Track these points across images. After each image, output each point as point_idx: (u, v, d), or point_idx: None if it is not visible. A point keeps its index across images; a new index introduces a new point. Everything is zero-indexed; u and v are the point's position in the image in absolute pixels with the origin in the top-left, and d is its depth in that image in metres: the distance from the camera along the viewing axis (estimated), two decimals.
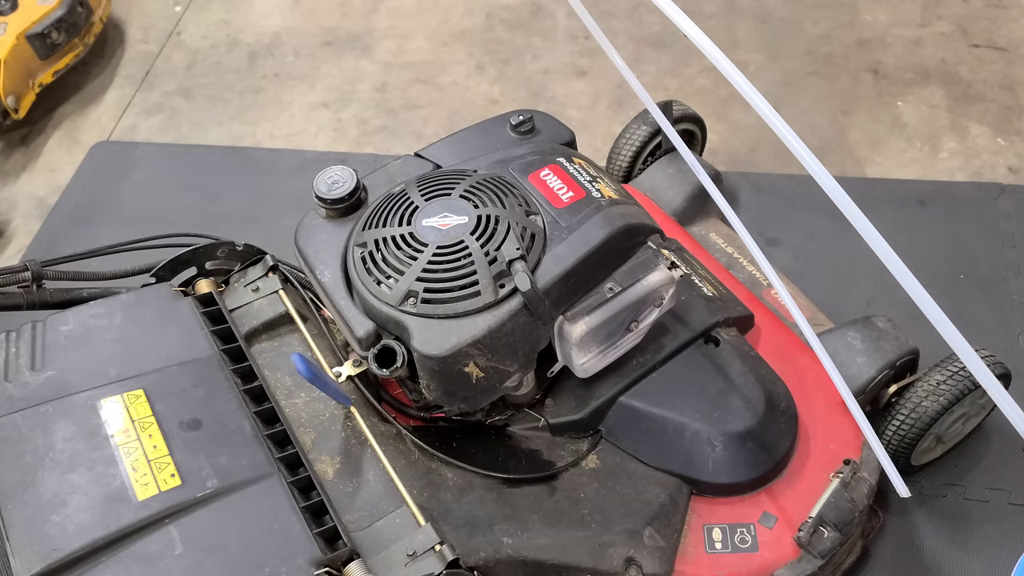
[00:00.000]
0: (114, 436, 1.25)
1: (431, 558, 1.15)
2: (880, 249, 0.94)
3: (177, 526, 1.17)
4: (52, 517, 1.16)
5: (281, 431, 1.31)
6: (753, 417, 1.40)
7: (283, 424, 1.31)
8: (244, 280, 1.52)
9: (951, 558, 1.64)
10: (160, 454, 1.24)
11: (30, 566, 1.11)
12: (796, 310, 1.41)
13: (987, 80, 2.51)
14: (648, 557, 1.32)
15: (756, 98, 0.99)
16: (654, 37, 2.76)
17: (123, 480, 1.20)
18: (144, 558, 1.14)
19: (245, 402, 1.33)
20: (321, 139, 2.61)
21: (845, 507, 1.39)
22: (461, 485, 1.34)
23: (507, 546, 1.27)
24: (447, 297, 1.20)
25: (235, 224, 2.29)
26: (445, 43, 2.85)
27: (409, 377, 1.26)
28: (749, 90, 0.98)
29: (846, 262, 2.11)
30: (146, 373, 1.34)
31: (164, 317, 1.43)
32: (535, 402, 1.45)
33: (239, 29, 3.00)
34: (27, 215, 2.49)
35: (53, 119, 2.76)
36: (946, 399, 1.53)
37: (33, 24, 2.55)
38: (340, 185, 1.35)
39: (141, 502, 1.18)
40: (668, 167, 2.02)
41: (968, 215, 2.18)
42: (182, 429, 1.28)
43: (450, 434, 1.41)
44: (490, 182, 1.31)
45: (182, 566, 1.13)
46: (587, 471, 1.41)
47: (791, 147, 0.95)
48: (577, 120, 2.55)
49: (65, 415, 1.27)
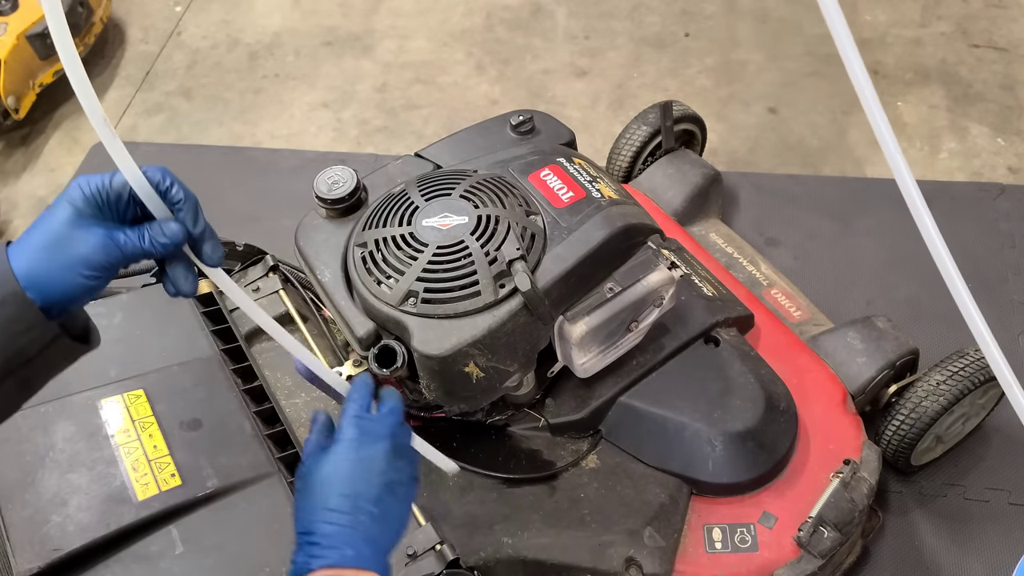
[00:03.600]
0: (114, 436, 1.25)
1: (431, 558, 1.15)
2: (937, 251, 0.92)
3: (177, 526, 1.17)
4: (52, 517, 1.16)
5: (281, 431, 1.31)
6: (753, 417, 1.40)
7: (283, 424, 1.32)
8: (244, 280, 1.52)
9: (951, 558, 1.65)
10: (160, 454, 1.24)
11: (30, 566, 1.11)
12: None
13: (987, 80, 2.51)
14: (648, 557, 1.32)
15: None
16: (654, 37, 2.76)
17: (123, 480, 1.20)
18: (144, 558, 1.14)
19: (245, 402, 1.33)
20: (321, 139, 2.61)
21: (845, 507, 1.39)
22: (461, 485, 1.34)
23: (507, 546, 1.27)
24: (447, 297, 1.20)
25: (235, 224, 2.29)
26: (445, 43, 2.85)
27: (409, 377, 1.26)
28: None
29: (846, 262, 2.11)
30: (146, 373, 1.34)
31: (164, 317, 1.43)
32: (535, 402, 1.45)
33: (239, 29, 3.00)
34: (28, 215, 2.49)
35: (54, 119, 2.76)
36: (946, 399, 1.53)
37: (33, 24, 2.55)
38: (340, 185, 1.35)
39: (141, 502, 1.18)
40: (668, 167, 2.02)
41: (968, 215, 2.18)
42: (182, 429, 1.28)
43: (450, 434, 1.41)
44: (490, 182, 1.31)
45: (182, 566, 1.13)
46: (587, 471, 1.41)
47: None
48: (577, 120, 2.55)
49: (65, 415, 1.27)
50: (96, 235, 0.81)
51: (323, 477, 0.90)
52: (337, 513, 0.87)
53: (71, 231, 0.80)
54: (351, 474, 0.90)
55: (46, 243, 0.80)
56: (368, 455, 0.92)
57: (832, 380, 1.58)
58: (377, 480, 0.91)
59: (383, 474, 0.91)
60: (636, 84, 2.65)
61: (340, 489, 0.89)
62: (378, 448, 0.93)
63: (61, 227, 0.80)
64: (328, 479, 0.90)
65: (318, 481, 0.90)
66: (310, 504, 0.89)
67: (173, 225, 0.85)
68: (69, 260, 0.80)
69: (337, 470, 0.90)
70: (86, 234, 0.80)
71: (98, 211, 0.82)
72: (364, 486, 0.90)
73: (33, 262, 0.79)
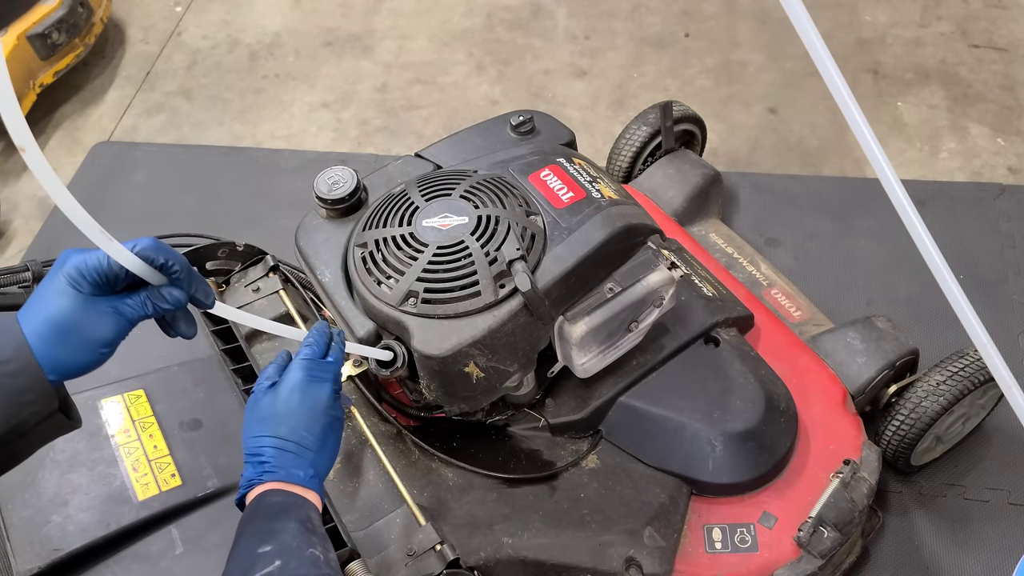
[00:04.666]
0: (114, 436, 1.25)
1: (431, 558, 1.15)
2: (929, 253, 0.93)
3: (177, 526, 1.17)
4: (53, 517, 1.16)
5: None
6: (753, 417, 1.40)
7: None
8: (245, 280, 1.52)
9: (951, 558, 1.65)
10: (160, 454, 1.24)
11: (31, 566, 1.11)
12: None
13: (987, 80, 2.51)
14: (648, 557, 1.32)
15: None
16: (654, 37, 2.76)
17: (124, 480, 1.21)
18: (144, 558, 1.14)
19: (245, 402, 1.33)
20: (321, 139, 2.61)
21: (845, 507, 1.39)
22: (461, 485, 1.34)
23: (507, 546, 1.27)
24: (447, 297, 1.20)
25: (235, 224, 2.29)
26: (446, 43, 2.85)
27: (409, 377, 1.27)
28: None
29: (846, 262, 2.11)
30: (146, 373, 1.34)
31: None
32: (535, 402, 1.45)
33: (240, 29, 3.00)
34: (28, 215, 2.49)
35: (54, 119, 2.76)
36: (946, 399, 1.53)
37: (34, 24, 2.55)
38: (340, 185, 1.36)
39: (141, 502, 1.19)
40: (668, 167, 2.02)
41: (968, 215, 2.18)
42: (182, 429, 1.28)
43: (450, 434, 1.41)
44: (490, 182, 1.31)
45: (182, 566, 1.14)
46: (587, 471, 1.41)
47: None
48: (577, 120, 2.55)
49: None
50: (107, 315, 0.89)
51: (275, 408, 1.01)
52: (286, 441, 0.99)
53: (83, 316, 0.87)
54: (300, 409, 1.01)
55: (61, 328, 0.87)
56: (314, 394, 1.03)
57: (832, 380, 1.58)
58: (320, 417, 1.02)
59: (325, 413, 1.03)
60: (636, 84, 2.65)
61: (290, 421, 1.00)
62: (324, 389, 1.04)
63: (73, 313, 0.87)
64: (279, 411, 1.01)
65: (269, 411, 1.01)
66: (261, 429, 1.00)
67: (175, 292, 0.93)
68: (87, 343, 0.88)
69: (289, 404, 1.02)
70: (98, 316, 0.88)
71: (99, 289, 0.89)
72: (309, 420, 1.01)
73: (52, 346, 0.86)
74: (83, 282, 0.88)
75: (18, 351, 0.85)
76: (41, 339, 0.86)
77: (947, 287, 0.89)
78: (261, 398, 1.03)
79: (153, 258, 0.90)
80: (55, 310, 0.86)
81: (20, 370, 0.85)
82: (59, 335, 0.86)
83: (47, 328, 0.86)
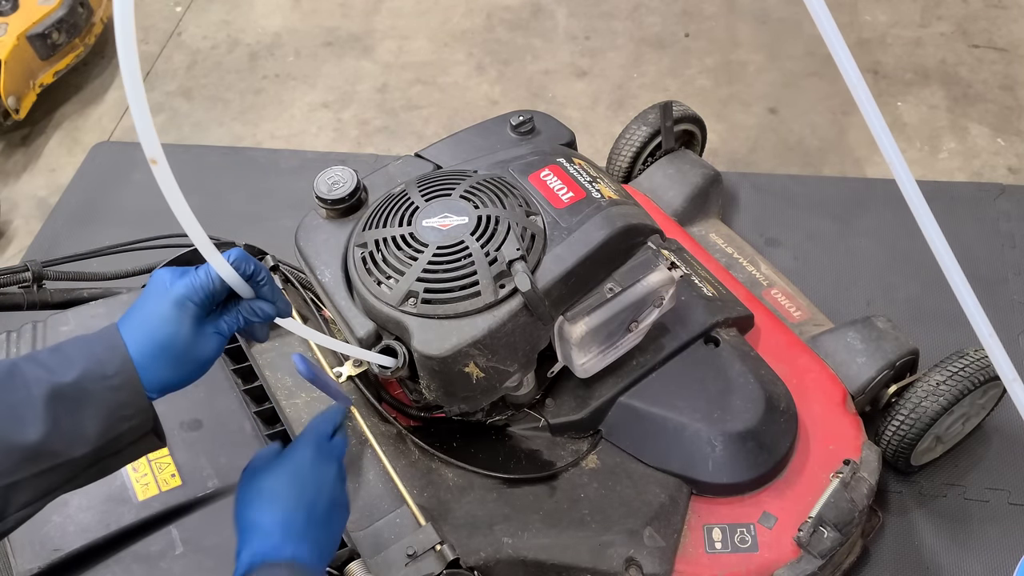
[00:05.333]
0: None
1: (431, 558, 1.15)
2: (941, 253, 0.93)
3: (177, 526, 1.17)
4: (53, 517, 1.16)
5: (282, 431, 1.31)
6: (753, 417, 1.40)
7: (284, 424, 1.31)
8: None
9: (951, 558, 1.65)
10: (160, 454, 1.24)
11: (30, 566, 1.11)
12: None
13: (987, 80, 2.51)
14: (648, 557, 1.32)
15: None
16: (654, 37, 2.76)
17: (123, 480, 1.20)
18: (144, 558, 1.14)
19: (245, 402, 1.33)
20: (321, 139, 2.61)
21: (845, 507, 1.39)
22: (461, 485, 1.34)
23: (507, 546, 1.27)
24: (447, 297, 1.20)
25: (235, 224, 2.29)
26: (446, 44, 2.85)
27: (409, 377, 1.27)
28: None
29: (846, 262, 2.11)
30: None
31: None
32: (535, 402, 1.45)
33: (240, 30, 3.00)
34: (28, 215, 2.49)
35: (54, 119, 2.76)
36: (946, 399, 1.53)
37: (34, 24, 2.55)
38: (340, 185, 1.36)
39: (141, 502, 1.18)
40: (668, 167, 2.02)
41: (968, 215, 2.18)
42: (182, 429, 1.28)
43: (450, 434, 1.41)
44: (490, 182, 1.31)
45: (182, 566, 1.13)
46: (587, 471, 1.41)
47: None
48: (577, 120, 2.55)
49: None
50: (213, 337, 0.92)
51: (281, 485, 0.98)
52: (296, 519, 0.95)
53: (192, 340, 0.89)
54: (307, 487, 0.98)
55: (170, 352, 0.88)
56: (322, 473, 1.01)
57: (832, 380, 1.58)
58: (326, 497, 1.00)
59: (331, 493, 1.01)
60: (636, 84, 2.65)
61: (299, 498, 0.97)
62: (331, 469, 1.02)
63: (183, 339, 0.89)
64: (285, 488, 0.97)
65: (273, 486, 0.98)
66: (269, 506, 0.96)
67: (265, 306, 0.96)
68: (192, 363, 0.90)
69: (297, 481, 0.98)
70: (205, 338, 0.91)
71: (204, 309, 0.91)
72: (317, 499, 0.98)
73: (157, 366, 0.87)
74: (190, 305, 0.89)
75: (122, 367, 0.85)
76: (146, 358, 0.87)
77: (952, 278, 0.89)
78: (261, 472, 1.00)
79: (244, 268, 0.93)
80: (164, 336, 0.88)
81: (123, 384, 0.85)
82: (167, 357, 0.88)
83: (154, 350, 0.87)
